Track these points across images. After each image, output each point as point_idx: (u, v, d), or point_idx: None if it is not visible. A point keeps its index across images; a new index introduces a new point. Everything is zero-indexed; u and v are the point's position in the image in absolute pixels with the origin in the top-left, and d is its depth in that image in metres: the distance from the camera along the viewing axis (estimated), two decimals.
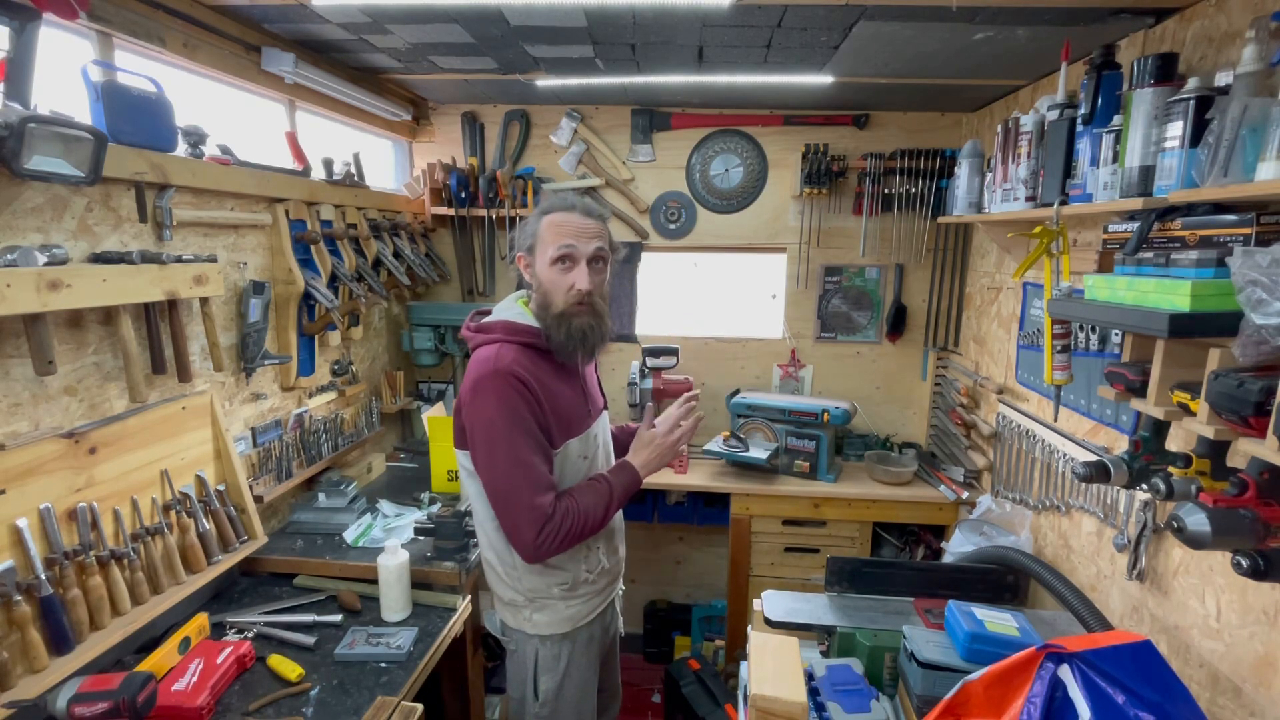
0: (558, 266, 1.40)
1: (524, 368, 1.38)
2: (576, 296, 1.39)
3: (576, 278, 1.39)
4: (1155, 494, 1.23)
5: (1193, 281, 1.09)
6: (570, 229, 1.39)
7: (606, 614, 1.66)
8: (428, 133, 3.02)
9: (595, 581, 1.56)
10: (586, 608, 1.56)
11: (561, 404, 1.44)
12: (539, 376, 1.40)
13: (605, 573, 1.59)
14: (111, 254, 1.42)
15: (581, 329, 1.41)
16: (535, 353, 1.43)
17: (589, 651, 1.60)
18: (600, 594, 1.59)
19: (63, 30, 1.48)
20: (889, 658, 1.54)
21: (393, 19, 1.84)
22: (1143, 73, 1.34)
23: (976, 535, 2.16)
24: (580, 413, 1.50)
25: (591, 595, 1.57)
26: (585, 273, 1.39)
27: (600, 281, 1.44)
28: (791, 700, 1.19)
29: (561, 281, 1.40)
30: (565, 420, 1.45)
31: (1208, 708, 1.36)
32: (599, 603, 1.60)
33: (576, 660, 1.56)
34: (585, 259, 1.39)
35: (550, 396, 1.41)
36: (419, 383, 3.12)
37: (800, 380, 3.08)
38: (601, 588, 1.59)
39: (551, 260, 1.39)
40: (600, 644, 1.65)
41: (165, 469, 1.59)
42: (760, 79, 2.35)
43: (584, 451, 1.51)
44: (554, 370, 1.46)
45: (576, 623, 1.55)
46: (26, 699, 1.19)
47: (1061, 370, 1.47)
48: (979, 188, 2.22)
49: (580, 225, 1.40)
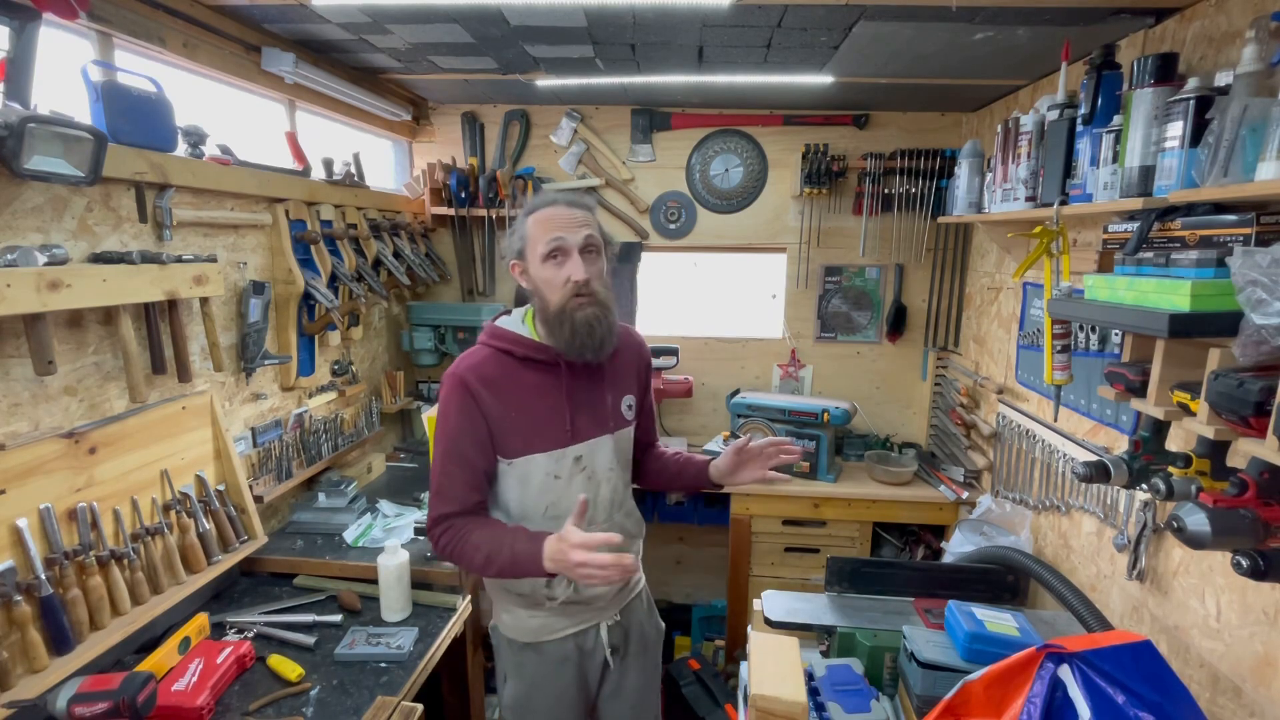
0: (550, 263, 1.33)
1: (481, 374, 1.34)
2: (574, 288, 1.31)
3: (571, 269, 1.31)
4: (1155, 494, 1.23)
5: (1193, 281, 1.09)
6: (556, 221, 1.33)
7: (587, 638, 1.49)
8: (428, 133, 3.02)
9: (561, 607, 1.44)
10: (552, 625, 1.45)
11: (528, 416, 1.36)
12: (503, 385, 1.35)
13: (576, 600, 1.44)
14: (111, 254, 1.42)
15: (587, 321, 1.31)
16: (514, 360, 1.38)
17: (563, 672, 1.47)
18: (569, 617, 1.46)
19: (63, 30, 1.48)
20: (889, 658, 1.54)
21: (393, 19, 1.84)
22: (1143, 73, 1.34)
23: (976, 535, 2.16)
24: (557, 428, 1.38)
25: (557, 615, 1.45)
26: (579, 263, 1.32)
27: (598, 271, 1.35)
28: (791, 700, 1.19)
29: (556, 276, 1.32)
30: (527, 433, 1.36)
31: (1208, 708, 1.36)
32: (568, 624, 1.46)
33: (546, 674, 1.47)
34: (577, 249, 1.32)
35: (514, 406, 1.35)
36: (419, 383, 3.11)
37: (800, 380, 3.08)
38: (569, 614, 1.46)
39: (543, 257, 1.33)
40: (580, 668, 1.50)
41: (165, 469, 1.59)
42: (760, 79, 2.35)
43: (555, 470, 1.39)
44: (537, 381, 1.38)
45: (541, 636, 1.45)
46: (26, 699, 1.19)
47: (1061, 370, 1.48)
48: (979, 188, 2.22)
49: (567, 216, 1.34)
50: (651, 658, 1.63)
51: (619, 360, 1.49)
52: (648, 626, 1.61)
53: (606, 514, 1.47)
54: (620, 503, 1.50)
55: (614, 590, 1.49)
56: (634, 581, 1.58)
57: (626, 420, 1.50)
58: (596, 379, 1.44)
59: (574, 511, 1.20)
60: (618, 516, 1.49)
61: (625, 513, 1.52)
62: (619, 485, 1.49)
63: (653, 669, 1.64)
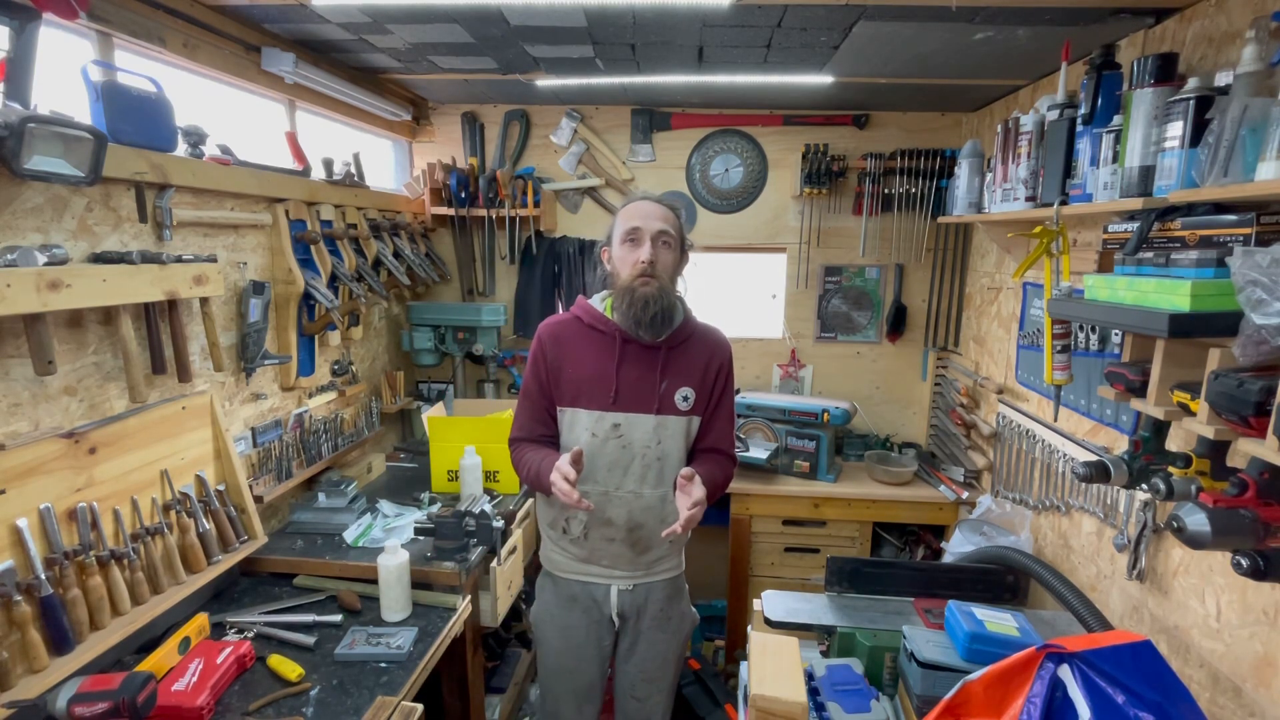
0: (626, 245, 1.52)
1: (554, 331, 1.61)
2: (640, 269, 1.49)
3: (641, 252, 1.50)
4: (1155, 494, 1.23)
5: (1193, 281, 1.09)
6: (638, 213, 1.53)
7: (598, 589, 1.66)
8: (428, 133, 3.02)
9: (571, 547, 1.65)
10: (567, 563, 1.67)
11: (579, 373, 1.58)
12: (569, 343, 1.60)
13: (582, 547, 1.63)
14: (111, 254, 1.42)
15: (644, 297, 1.49)
16: (583, 326, 1.60)
17: (571, 609, 1.67)
18: (578, 562, 1.66)
19: (63, 30, 1.48)
20: (889, 658, 1.54)
21: (393, 19, 1.84)
22: (1143, 73, 1.34)
23: (976, 535, 2.16)
24: (603, 393, 1.56)
25: (571, 558, 1.66)
26: (649, 247, 1.50)
27: (667, 261, 1.53)
28: (791, 700, 1.19)
29: (628, 257, 1.51)
30: (575, 389, 1.58)
31: (1208, 708, 1.36)
32: (580, 570, 1.66)
33: (556, 604, 1.69)
34: (649, 236, 1.50)
35: (570, 362, 1.58)
36: (419, 383, 3.12)
37: (800, 380, 3.08)
38: (580, 558, 1.65)
39: (620, 241, 1.53)
40: (589, 613, 1.66)
41: (165, 469, 1.59)
42: (760, 79, 2.35)
43: (594, 429, 1.57)
44: (596, 347, 1.58)
45: (557, 569, 1.69)
46: (26, 699, 1.19)
47: (1061, 370, 1.48)
48: (979, 188, 2.22)
49: (648, 209, 1.54)
50: (672, 637, 1.72)
51: (687, 352, 1.61)
52: (670, 610, 1.71)
53: (636, 486, 1.58)
54: (654, 481, 1.59)
55: (624, 559, 1.63)
56: (654, 562, 1.66)
57: (678, 409, 1.60)
58: (652, 360, 1.58)
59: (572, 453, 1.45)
60: (646, 491, 1.58)
61: (661, 497, 1.60)
62: (654, 465, 1.58)
63: (670, 646, 1.73)
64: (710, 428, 1.65)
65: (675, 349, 1.59)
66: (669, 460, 1.59)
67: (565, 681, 1.71)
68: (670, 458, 1.59)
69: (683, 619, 1.74)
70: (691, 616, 1.77)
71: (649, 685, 1.72)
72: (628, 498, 1.57)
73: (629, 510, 1.58)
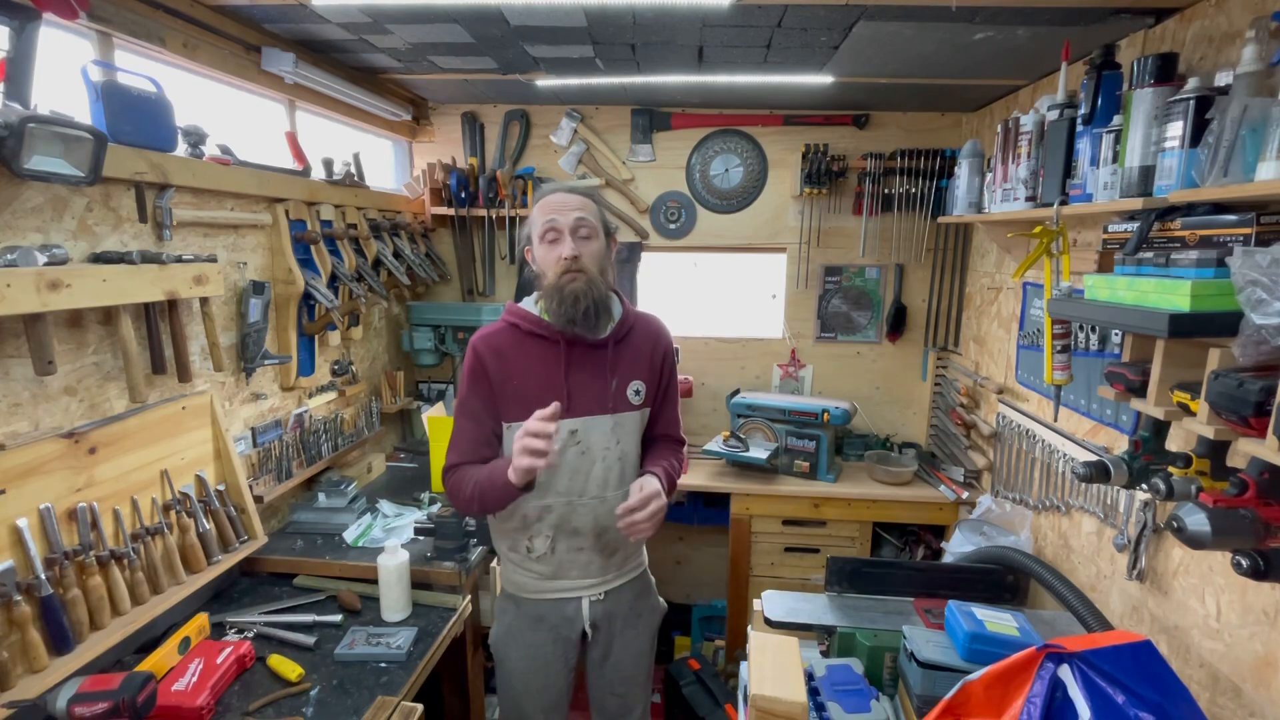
0: (546, 243, 1.46)
1: (491, 343, 1.49)
2: (564, 265, 1.43)
3: (562, 248, 1.44)
4: (1155, 494, 1.23)
5: (1193, 281, 1.09)
6: (552, 205, 1.47)
7: (569, 606, 1.57)
8: (428, 133, 3.02)
9: (537, 565, 1.55)
10: (534, 583, 1.57)
11: (524, 385, 1.48)
12: (510, 353, 1.49)
13: (549, 564, 1.54)
14: (111, 254, 1.42)
15: (574, 293, 1.42)
16: (520, 333, 1.50)
17: (538, 629, 1.58)
18: (546, 580, 1.56)
19: (63, 30, 1.48)
20: (889, 658, 1.54)
21: (393, 19, 1.84)
22: (1143, 73, 1.34)
23: (976, 535, 2.16)
24: (548, 400, 1.36)
25: (537, 577, 1.57)
26: (569, 242, 1.44)
27: (591, 251, 1.46)
28: (791, 700, 1.19)
29: (550, 255, 1.46)
30: (524, 403, 1.44)
31: (1208, 708, 1.36)
32: (548, 589, 1.56)
33: (521, 626, 1.59)
34: (568, 229, 1.45)
35: (512, 374, 1.48)
36: (419, 383, 3.12)
37: (800, 380, 3.08)
38: (547, 575, 1.56)
39: (540, 238, 1.47)
40: (557, 630, 1.58)
41: (165, 469, 1.59)
42: (760, 79, 2.35)
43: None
44: (539, 355, 1.49)
45: (522, 591, 1.59)
46: (26, 699, 1.19)
47: (1061, 370, 1.47)
48: (979, 188, 2.22)
49: (562, 201, 1.47)
50: (643, 632, 1.69)
51: (631, 344, 1.56)
52: (640, 606, 1.67)
53: (599, 491, 1.52)
54: (615, 483, 1.54)
55: (594, 567, 1.57)
56: (622, 564, 1.62)
57: (631, 404, 1.56)
58: (599, 359, 1.51)
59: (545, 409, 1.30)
60: (610, 494, 1.53)
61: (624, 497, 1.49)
62: (615, 466, 1.54)
63: (643, 640, 1.70)
64: (659, 415, 1.63)
65: (621, 343, 1.53)
66: (629, 459, 1.56)
67: (533, 700, 1.62)
68: (629, 456, 1.57)
69: (653, 612, 1.72)
70: (660, 607, 1.74)
71: (627, 683, 1.69)
72: (592, 504, 1.52)
73: (594, 516, 1.52)
